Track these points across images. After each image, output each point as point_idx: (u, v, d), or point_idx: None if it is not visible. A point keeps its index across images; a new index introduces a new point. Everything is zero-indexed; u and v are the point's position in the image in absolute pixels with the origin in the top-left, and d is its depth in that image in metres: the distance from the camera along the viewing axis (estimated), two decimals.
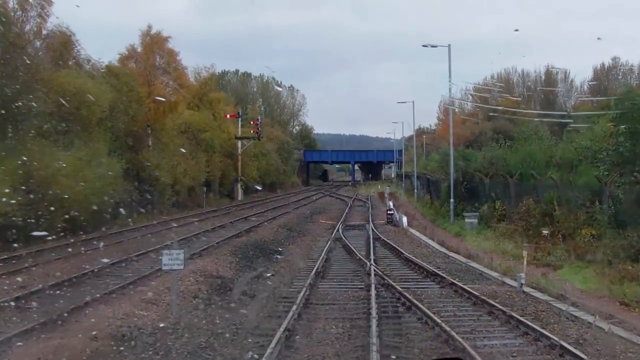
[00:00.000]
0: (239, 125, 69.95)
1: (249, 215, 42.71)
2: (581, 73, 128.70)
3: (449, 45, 32.69)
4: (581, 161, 28.69)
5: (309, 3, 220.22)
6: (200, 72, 68.38)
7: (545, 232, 26.43)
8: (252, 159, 74.19)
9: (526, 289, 16.32)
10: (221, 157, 65.42)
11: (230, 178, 68.65)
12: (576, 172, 27.49)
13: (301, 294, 15.28)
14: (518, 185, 27.03)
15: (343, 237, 28.48)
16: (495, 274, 18.80)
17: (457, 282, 17.07)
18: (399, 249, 24.43)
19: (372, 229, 32.55)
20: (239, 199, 67.66)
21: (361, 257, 22.09)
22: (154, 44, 46.89)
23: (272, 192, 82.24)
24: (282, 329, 11.89)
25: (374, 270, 18.82)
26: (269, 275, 19.41)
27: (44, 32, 37.28)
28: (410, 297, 14.90)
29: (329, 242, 26.61)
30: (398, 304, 14.90)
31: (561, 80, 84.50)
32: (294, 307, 13.71)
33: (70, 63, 41.49)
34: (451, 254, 23.49)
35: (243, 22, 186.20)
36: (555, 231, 21.53)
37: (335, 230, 31.83)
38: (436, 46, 32.51)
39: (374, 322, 12.40)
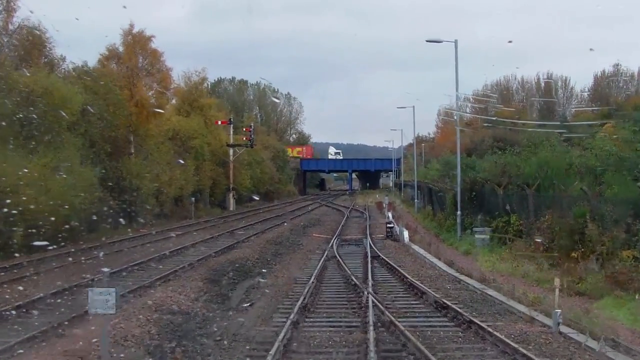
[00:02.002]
0: (231, 132, 66.70)
1: (237, 227, 39.37)
2: (582, 79, 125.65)
3: (456, 40, 29.50)
4: (605, 169, 25.43)
5: (306, 12, 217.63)
6: (191, 76, 65.23)
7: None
8: (245, 167, 70.94)
9: (564, 328, 12.99)
10: (212, 165, 62.24)
11: (222, 187, 65.40)
12: (601, 182, 24.23)
13: (280, 337, 11.96)
14: (537, 196, 23.69)
15: (337, 255, 25.14)
16: (520, 307, 15.42)
17: (475, 320, 13.70)
18: (401, 270, 21.08)
19: (370, 244, 29.23)
20: (231, 209, 64.42)
21: (357, 282, 18.74)
22: (136, 43, 43.62)
23: (267, 201, 78.80)
24: None
25: (373, 301, 15.47)
26: (245, 306, 16.07)
27: (10, 27, 34.19)
28: (419, 344, 11.54)
29: (321, 262, 23.27)
30: (404, 353, 11.56)
31: (561, 87, 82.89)
32: None
33: (43, 62, 38.44)
34: (462, 277, 20.11)
35: (240, 31, 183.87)
36: (587, 252, 18.19)
37: (329, 246, 28.54)
38: (441, 41, 29.22)
39: None
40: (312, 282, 18.78)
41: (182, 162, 53.01)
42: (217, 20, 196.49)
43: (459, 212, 29.45)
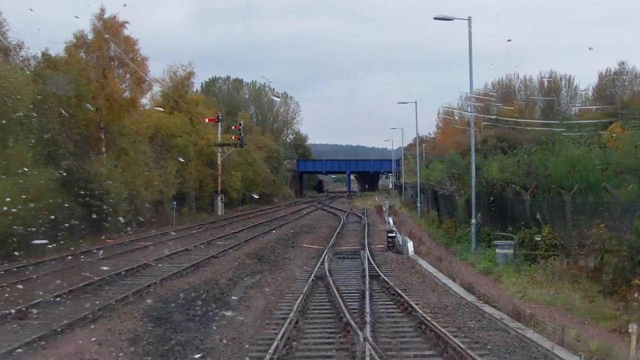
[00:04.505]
0: (219, 130, 62.17)
1: (218, 236, 34.86)
2: (584, 79, 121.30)
3: (469, 17, 24.88)
4: None
5: (305, 14, 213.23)
6: (177, 71, 60.72)
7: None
8: (236, 168, 66.45)
9: None
10: (199, 166, 57.77)
11: (209, 190, 60.93)
12: None
13: None
14: (575, 203, 19.13)
15: (328, 275, 20.54)
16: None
17: None
18: (408, 299, 16.49)
19: (369, 258, 24.73)
20: (219, 213, 59.93)
21: (350, 318, 14.13)
22: (108, 30, 39.06)
23: (260, 204, 74.16)
24: None
25: (371, 355, 10.94)
26: (196, 358, 11.55)
27: None
28: None
29: (307, 285, 18.72)
30: None
31: (564, 86, 79.88)
32: None
33: None
34: (486, 308, 15.51)
35: (239, 33, 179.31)
36: None
37: (320, 261, 24.02)
38: (452, 19, 24.60)
39: None
40: (293, 318, 14.24)
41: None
42: (216, 23, 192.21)
43: (473, 221, 24.86)
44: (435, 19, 24.87)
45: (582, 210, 18.88)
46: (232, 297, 17.15)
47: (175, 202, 46.83)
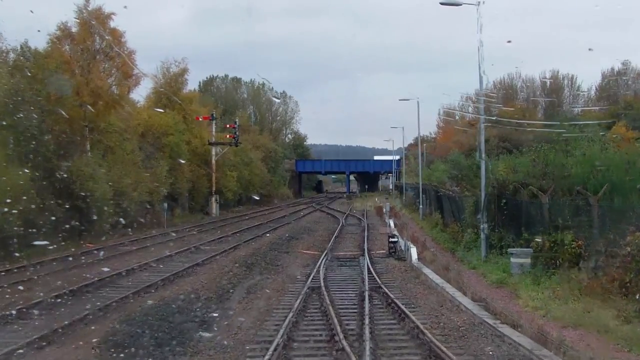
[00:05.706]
0: (213, 129, 60.03)
1: (208, 240, 32.77)
2: (586, 80, 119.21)
3: (479, 1, 22.71)
4: None
5: (305, 14, 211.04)
6: (170, 67, 58.52)
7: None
8: (231, 168, 64.29)
9: None
10: (192, 165, 55.61)
11: (204, 190, 58.84)
12: None
13: None
14: (602, 207, 16.96)
15: (323, 286, 18.39)
16: None
17: None
18: (413, 317, 14.28)
19: (368, 265, 22.63)
20: (214, 214, 57.79)
21: (346, 343, 11.98)
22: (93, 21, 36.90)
23: (256, 205, 71.94)
24: None
25: None
26: None
27: None
28: None
29: (299, 299, 16.55)
30: None
31: (567, 86, 78.14)
32: None
33: None
34: (506, 330, 13.29)
35: (240, 34, 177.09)
36: None
37: (315, 269, 21.91)
38: (461, 4, 22.57)
39: None
40: (279, 342, 12.11)
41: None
42: (216, 24, 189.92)
43: (483, 225, 22.67)
44: (441, 4, 22.74)
45: (609, 215, 16.74)
46: (213, 314, 14.98)
47: (166, 203, 44.66)
